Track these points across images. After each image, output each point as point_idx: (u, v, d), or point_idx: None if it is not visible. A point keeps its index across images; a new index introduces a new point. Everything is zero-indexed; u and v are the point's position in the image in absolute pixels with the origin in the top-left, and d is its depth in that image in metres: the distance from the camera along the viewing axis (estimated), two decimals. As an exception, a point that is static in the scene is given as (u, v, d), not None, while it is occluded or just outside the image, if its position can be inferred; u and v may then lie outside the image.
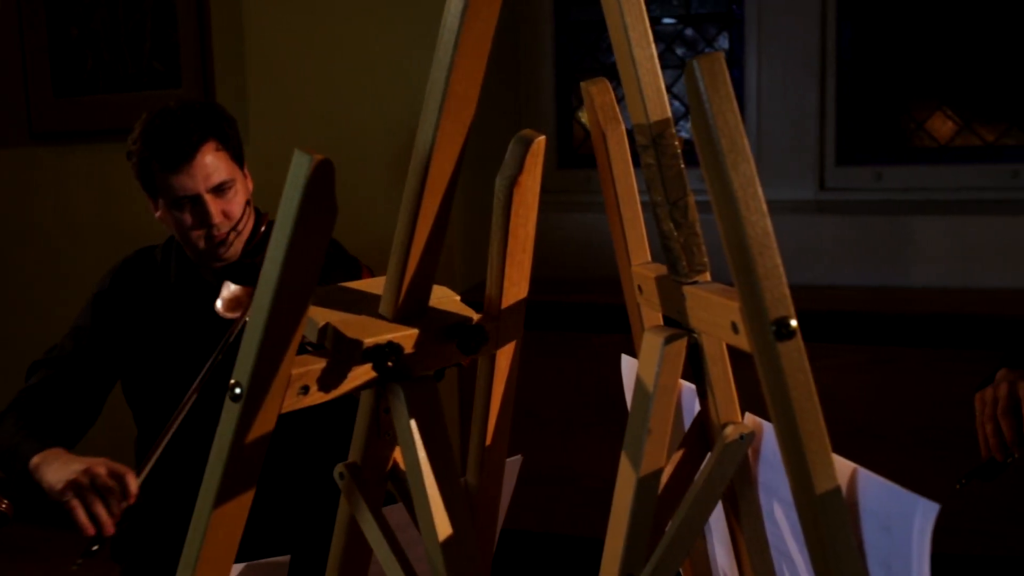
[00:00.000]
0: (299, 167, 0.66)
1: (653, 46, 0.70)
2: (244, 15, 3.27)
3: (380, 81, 3.14)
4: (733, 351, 0.72)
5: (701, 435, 0.81)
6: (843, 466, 0.66)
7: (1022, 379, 1.52)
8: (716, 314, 0.68)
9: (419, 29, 3.04)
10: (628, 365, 0.99)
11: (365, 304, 0.82)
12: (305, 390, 0.76)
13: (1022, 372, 1.53)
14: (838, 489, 0.63)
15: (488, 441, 0.89)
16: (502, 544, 1.08)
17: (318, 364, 0.76)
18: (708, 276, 0.72)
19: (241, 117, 2.24)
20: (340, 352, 0.76)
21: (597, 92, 0.84)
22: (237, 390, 0.71)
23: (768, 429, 0.76)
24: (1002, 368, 1.58)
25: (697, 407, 0.81)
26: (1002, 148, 3.17)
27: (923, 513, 0.60)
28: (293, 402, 0.75)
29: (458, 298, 0.86)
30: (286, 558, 1.23)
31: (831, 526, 0.62)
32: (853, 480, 0.66)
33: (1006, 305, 2.81)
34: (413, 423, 0.78)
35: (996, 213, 3.02)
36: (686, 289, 0.71)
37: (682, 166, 0.71)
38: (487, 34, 0.71)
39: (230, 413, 0.72)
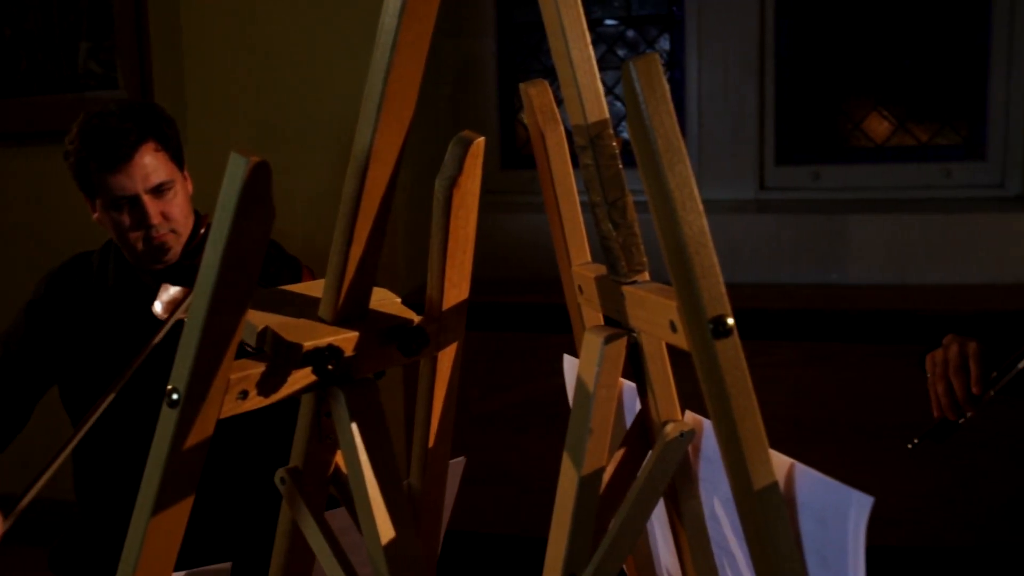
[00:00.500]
0: (235, 169, 0.65)
1: (590, 47, 0.71)
2: (182, 16, 3.23)
3: (319, 83, 3.12)
4: (673, 349, 0.73)
5: (642, 433, 0.81)
6: (780, 461, 0.67)
7: (970, 341, 1.56)
8: (655, 313, 0.68)
9: (358, 30, 3.02)
10: (570, 365, 1.00)
11: (304, 307, 0.81)
12: (244, 395, 0.75)
13: (969, 337, 1.57)
14: (775, 484, 0.64)
15: (431, 443, 0.89)
16: (447, 546, 1.08)
17: (257, 368, 0.75)
18: (647, 276, 0.73)
19: (180, 118, 2.20)
20: (279, 356, 0.76)
21: (536, 93, 0.84)
22: (174, 396, 0.70)
23: (708, 426, 0.77)
24: (949, 334, 1.62)
25: (638, 406, 0.81)
26: (936, 147, 3.25)
27: (858, 506, 0.61)
28: (232, 407, 0.74)
29: (399, 300, 0.85)
30: (227, 565, 1.22)
31: (769, 520, 0.63)
32: (790, 475, 0.67)
33: (941, 301, 2.87)
34: (354, 426, 0.78)
35: (930, 211, 3.09)
36: (625, 289, 0.72)
37: (620, 167, 0.71)
38: (425, 35, 0.71)
39: (167, 419, 0.71)
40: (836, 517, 0.63)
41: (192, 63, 3.25)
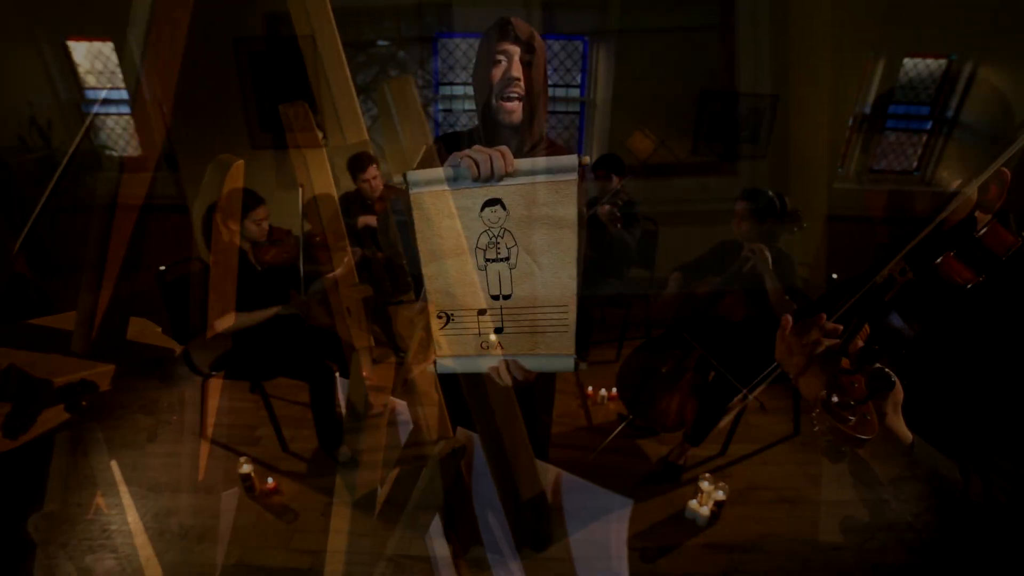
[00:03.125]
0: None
1: (347, 69, 0.71)
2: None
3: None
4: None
5: (416, 452, 0.82)
6: (547, 471, 0.69)
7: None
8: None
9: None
10: (343, 386, 0.99)
11: (55, 341, 0.76)
12: (-12, 438, 0.70)
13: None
14: (543, 493, 0.66)
15: (200, 476, 0.86)
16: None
17: (2, 409, 0.70)
18: (412, 295, 0.73)
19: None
20: (27, 394, 0.71)
21: (295, 115, 0.83)
22: (-96, 444, 0.64)
23: (479, 442, 0.78)
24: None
25: (411, 425, 0.82)
26: (693, 164, 3.45)
27: (619, 509, 0.64)
28: (-26, 452, 0.69)
29: (159, 329, 0.82)
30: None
31: (538, 527, 0.65)
32: (557, 483, 0.70)
33: (705, 307, 3.02)
34: (114, 464, 0.74)
35: (690, 222, 3.26)
36: (391, 309, 0.72)
37: (383, 186, 0.72)
38: (174, 63, 0.69)
39: None
40: (600, 520, 0.65)
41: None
